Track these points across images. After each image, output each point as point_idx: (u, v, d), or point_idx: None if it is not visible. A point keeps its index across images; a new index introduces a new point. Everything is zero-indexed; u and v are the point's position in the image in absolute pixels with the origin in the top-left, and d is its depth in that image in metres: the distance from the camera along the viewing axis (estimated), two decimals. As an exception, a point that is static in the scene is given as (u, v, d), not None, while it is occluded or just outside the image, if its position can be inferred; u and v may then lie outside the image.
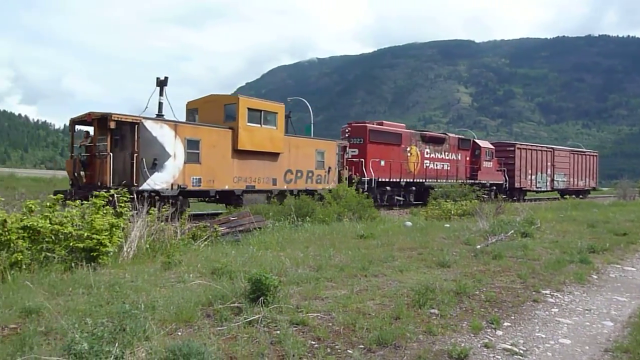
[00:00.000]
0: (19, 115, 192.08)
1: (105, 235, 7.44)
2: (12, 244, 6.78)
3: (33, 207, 7.60)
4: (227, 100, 19.33)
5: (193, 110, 20.28)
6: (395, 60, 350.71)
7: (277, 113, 19.95)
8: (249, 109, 18.70)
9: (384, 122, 29.13)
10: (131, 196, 9.49)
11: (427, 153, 29.71)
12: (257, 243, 9.85)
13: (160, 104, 17.24)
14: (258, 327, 4.78)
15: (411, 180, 28.06)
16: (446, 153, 31.33)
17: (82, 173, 15.80)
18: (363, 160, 25.09)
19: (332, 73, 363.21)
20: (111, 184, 14.83)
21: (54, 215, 7.53)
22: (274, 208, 15.41)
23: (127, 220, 8.55)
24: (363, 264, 7.86)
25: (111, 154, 15.18)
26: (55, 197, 8.12)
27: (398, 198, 24.51)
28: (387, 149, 26.69)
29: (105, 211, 8.17)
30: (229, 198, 18.84)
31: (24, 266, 6.75)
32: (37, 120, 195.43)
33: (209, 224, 11.04)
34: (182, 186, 16.62)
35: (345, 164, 24.27)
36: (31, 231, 7.09)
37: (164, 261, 7.73)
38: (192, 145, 17.01)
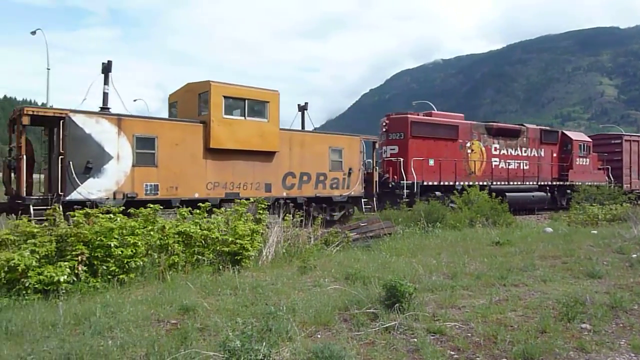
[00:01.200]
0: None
1: (247, 240, 7.99)
2: (169, 248, 7.57)
3: (185, 214, 8.41)
4: (201, 88, 15.33)
5: (173, 104, 17.28)
6: (526, 55, 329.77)
7: (267, 102, 15.77)
8: (225, 97, 14.92)
9: (434, 112, 24.41)
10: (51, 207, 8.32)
11: (495, 149, 24.48)
12: (388, 249, 9.87)
13: (105, 95, 14.14)
14: (395, 334, 4.78)
15: (471, 183, 21.93)
16: (523, 149, 25.76)
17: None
18: (403, 159, 20.77)
19: (458, 73, 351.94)
20: (27, 194, 12.56)
21: (203, 221, 8.26)
22: (403, 214, 15.26)
23: (265, 226, 9.09)
24: (501, 272, 7.50)
25: (24, 158, 12.48)
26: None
27: (453, 205, 19.29)
28: (437, 145, 21.97)
29: (246, 218, 8.77)
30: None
31: (179, 267, 7.49)
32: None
33: (340, 230, 11.29)
34: (129, 195, 13.15)
35: (382, 164, 21.19)
36: (185, 236, 7.85)
37: (299, 265, 8.09)
38: (143, 144, 13.69)
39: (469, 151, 23.20)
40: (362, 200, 18.25)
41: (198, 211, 8.74)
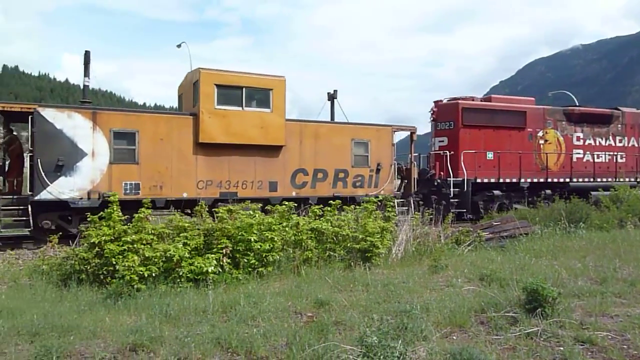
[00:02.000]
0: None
1: (377, 238, 8.06)
2: (303, 243, 7.90)
3: (317, 211, 8.72)
4: (195, 76, 13.84)
5: (180, 96, 15.92)
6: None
7: (271, 90, 14.07)
8: (218, 85, 13.47)
9: (495, 96, 20.41)
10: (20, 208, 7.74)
11: (578, 139, 20.31)
12: (525, 250, 9.31)
13: (85, 88, 13.53)
14: (538, 340, 4.52)
15: (544, 179, 19.00)
16: (617, 138, 21.20)
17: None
18: (452, 152, 17.74)
19: (601, 59, 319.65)
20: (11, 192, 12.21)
21: (333, 219, 8.50)
22: (540, 213, 14.22)
23: (394, 224, 9.09)
24: (661, 279, 6.72)
25: None
26: None
27: (518, 206, 16.83)
28: (498, 135, 18.49)
29: (375, 215, 8.84)
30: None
31: (313, 262, 7.78)
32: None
33: (471, 229, 10.90)
34: (106, 195, 10.24)
35: (429, 159, 18.74)
36: (317, 232, 8.14)
37: (430, 264, 7.96)
38: (122, 140, 12.69)
39: (542, 142, 19.40)
40: (396, 200, 15.12)
41: (329, 208, 9.00)
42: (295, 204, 9.82)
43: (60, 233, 10.25)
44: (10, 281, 7.56)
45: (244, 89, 13.81)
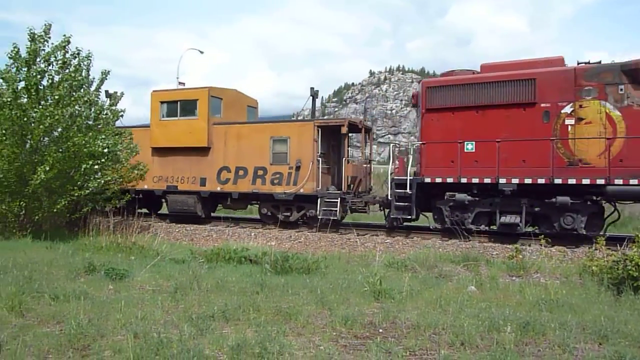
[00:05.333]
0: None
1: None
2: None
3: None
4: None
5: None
6: None
7: (197, 100, 16.77)
8: (162, 102, 17.40)
9: (488, 64, 13.83)
10: None
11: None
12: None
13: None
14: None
15: (565, 179, 12.15)
16: None
17: None
18: (420, 145, 14.14)
19: None
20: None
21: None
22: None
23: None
24: None
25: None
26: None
27: (507, 220, 12.59)
28: (486, 118, 13.17)
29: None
30: (150, 199, 18.42)
31: None
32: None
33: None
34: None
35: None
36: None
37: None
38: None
39: (571, 122, 12.34)
40: (322, 199, 14.79)
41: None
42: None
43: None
44: (562, 277, 8.12)
45: (179, 102, 17.24)
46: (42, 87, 13.82)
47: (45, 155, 13.21)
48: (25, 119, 13.08)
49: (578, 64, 12.65)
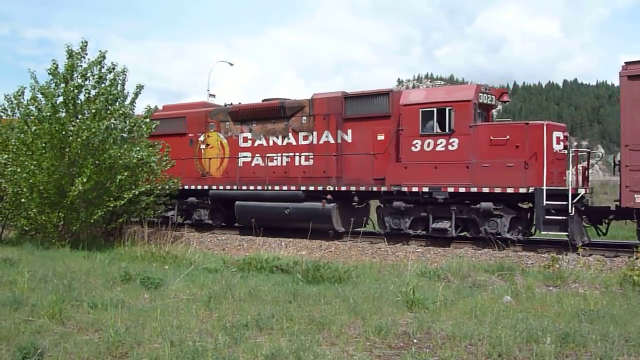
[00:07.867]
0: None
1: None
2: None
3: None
4: None
5: None
6: None
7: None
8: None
9: (169, 104, 20.20)
10: None
11: (245, 140, 17.57)
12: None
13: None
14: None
15: (205, 187, 17.92)
16: (301, 134, 16.30)
17: None
18: None
19: None
20: None
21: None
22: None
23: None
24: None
25: None
26: None
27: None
28: (170, 143, 17.77)
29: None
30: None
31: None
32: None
33: None
34: None
35: None
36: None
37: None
38: None
39: (203, 147, 18.13)
40: None
41: None
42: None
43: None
44: (602, 287, 8.07)
45: None
46: (79, 102, 14.26)
47: (83, 167, 13.60)
48: (63, 133, 13.50)
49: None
